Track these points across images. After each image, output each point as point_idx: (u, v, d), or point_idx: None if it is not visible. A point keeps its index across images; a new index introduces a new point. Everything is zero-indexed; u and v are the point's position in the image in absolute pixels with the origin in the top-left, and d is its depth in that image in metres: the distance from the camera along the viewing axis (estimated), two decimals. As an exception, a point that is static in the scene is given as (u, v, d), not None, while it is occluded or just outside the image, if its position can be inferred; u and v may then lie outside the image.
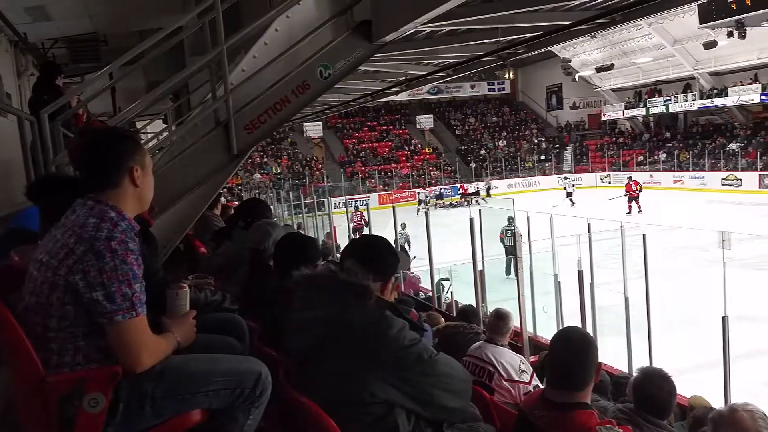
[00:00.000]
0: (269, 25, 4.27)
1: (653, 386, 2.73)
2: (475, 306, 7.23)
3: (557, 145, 40.94)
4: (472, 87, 42.81)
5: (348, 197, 25.05)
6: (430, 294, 8.98)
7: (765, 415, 2.26)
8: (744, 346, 7.83)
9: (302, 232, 14.06)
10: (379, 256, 2.15)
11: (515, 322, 5.94)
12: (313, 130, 38.00)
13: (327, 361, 1.90)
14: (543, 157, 39.63)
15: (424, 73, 9.16)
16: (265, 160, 36.98)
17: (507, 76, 42.37)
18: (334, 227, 13.46)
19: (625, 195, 24.32)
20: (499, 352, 3.56)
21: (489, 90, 43.91)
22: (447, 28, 6.41)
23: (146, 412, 1.85)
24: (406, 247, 15.17)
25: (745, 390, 6.25)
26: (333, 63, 4.21)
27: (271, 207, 19.06)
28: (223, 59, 3.97)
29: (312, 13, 4.28)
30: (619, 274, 6.98)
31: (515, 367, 3.53)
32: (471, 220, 7.72)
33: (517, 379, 3.46)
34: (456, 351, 3.79)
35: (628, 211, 23.46)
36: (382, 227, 14.91)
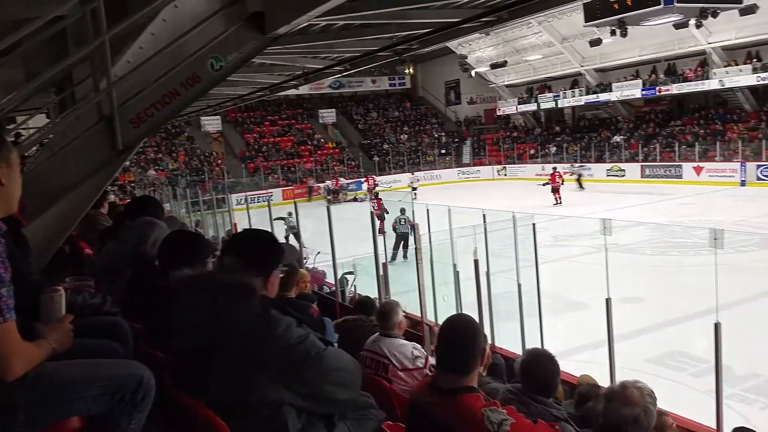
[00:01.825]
0: (156, 14, 4.09)
1: (539, 366, 2.86)
2: (377, 298, 7.29)
3: (457, 140, 42.13)
4: (374, 82, 43.27)
5: (249, 193, 24.51)
6: (334, 289, 8.97)
7: (652, 391, 2.41)
8: (628, 326, 8.40)
9: (199, 230, 13.64)
10: (260, 251, 2.08)
11: (418, 312, 6.06)
12: (212, 124, 36.90)
13: (213, 364, 1.84)
14: (443, 151, 40.65)
15: (321, 66, 9.10)
16: (160, 155, 35.53)
17: (407, 71, 43.12)
18: (235, 224, 13.14)
19: (546, 184, 24.57)
20: (391, 343, 3.59)
21: (390, 85, 44.57)
22: (341, 23, 6.40)
23: (19, 422, 1.75)
24: (291, 237, 15.29)
25: (630, 367, 6.69)
26: (224, 55, 4.09)
27: (168, 204, 18.38)
28: (105, 50, 3.76)
29: (201, 4, 4.13)
30: (514, 262, 7.27)
31: (408, 355, 3.56)
32: (372, 213, 7.78)
33: (411, 366, 3.50)
34: (357, 345, 3.81)
35: (555, 201, 23.83)
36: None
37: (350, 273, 9.94)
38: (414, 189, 30.49)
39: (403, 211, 15.27)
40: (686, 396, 6.86)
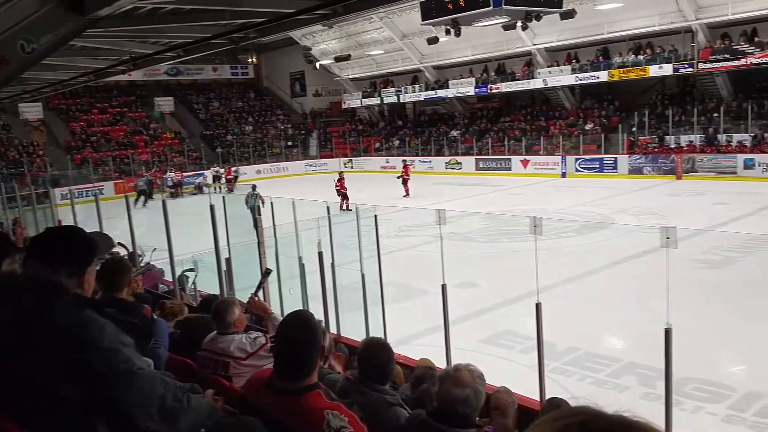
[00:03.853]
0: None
1: (373, 354, 2.94)
2: (219, 296, 7.07)
3: (303, 132, 41.99)
4: (215, 70, 41.82)
5: (75, 187, 22.51)
6: (173, 287, 8.55)
7: (482, 374, 2.57)
8: (463, 309, 8.91)
9: (18, 229, 12.33)
10: (68, 249, 1.93)
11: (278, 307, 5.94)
12: (31, 111, 33.33)
13: (13, 367, 1.63)
14: (290, 143, 40.34)
15: (151, 52, 8.53)
16: (-30, 146, 31.62)
17: (250, 60, 42.14)
18: (59, 221, 12.03)
19: (400, 177, 24.77)
20: (229, 341, 3.49)
21: (232, 74, 43.31)
22: (170, 7, 6.05)
23: None
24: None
25: (466, 347, 7.10)
26: (37, 37, 3.70)
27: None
28: None
29: (10, -21, 3.72)
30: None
31: (246, 342, 3.45)
32: (212, 207, 7.52)
33: (252, 350, 3.40)
34: (197, 344, 3.68)
35: (404, 193, 24.10)
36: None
37: (191, 270, 9.53)
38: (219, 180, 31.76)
39: (254, 187, 18.47)
40: (515, 371, 7.38)
